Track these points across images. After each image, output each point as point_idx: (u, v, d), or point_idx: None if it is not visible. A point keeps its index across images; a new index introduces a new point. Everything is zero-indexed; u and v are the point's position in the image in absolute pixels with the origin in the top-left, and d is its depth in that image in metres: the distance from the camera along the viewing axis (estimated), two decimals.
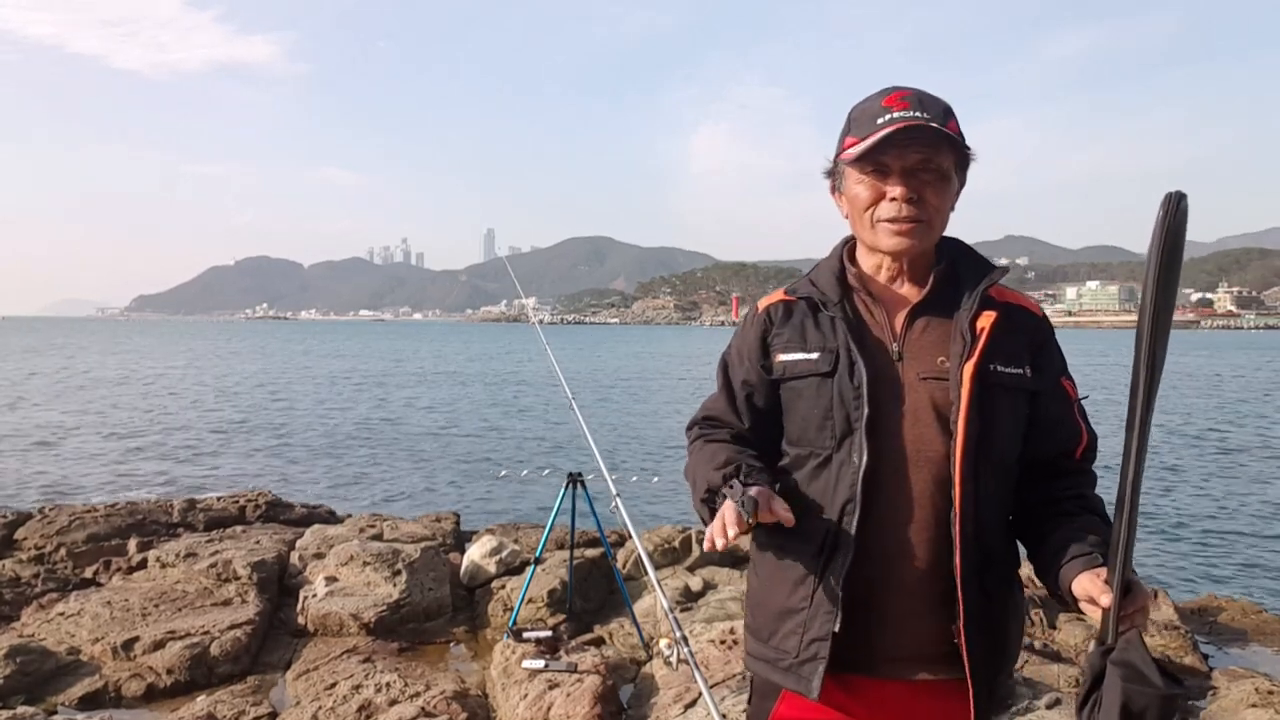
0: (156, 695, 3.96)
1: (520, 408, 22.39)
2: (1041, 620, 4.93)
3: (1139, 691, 1.13)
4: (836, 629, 1.40)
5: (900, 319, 1.48)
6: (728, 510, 1.34)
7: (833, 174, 1.54)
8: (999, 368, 1.42)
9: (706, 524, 1.42)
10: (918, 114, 1.39)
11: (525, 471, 11.86)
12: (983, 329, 1.42)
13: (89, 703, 3.86)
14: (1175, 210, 1.03)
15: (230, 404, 22.58)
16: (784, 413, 1.55)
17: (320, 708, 3.63)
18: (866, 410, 1.41)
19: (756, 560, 1.59)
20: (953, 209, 1.49)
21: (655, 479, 11.47)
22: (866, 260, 1.54)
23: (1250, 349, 71.73)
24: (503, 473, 12.25)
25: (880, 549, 1.41)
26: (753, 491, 1.36)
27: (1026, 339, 1.47)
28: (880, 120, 1.41)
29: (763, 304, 1.62)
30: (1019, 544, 1.53)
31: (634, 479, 10.91)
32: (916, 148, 1.40)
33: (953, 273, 1.50)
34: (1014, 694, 3.56)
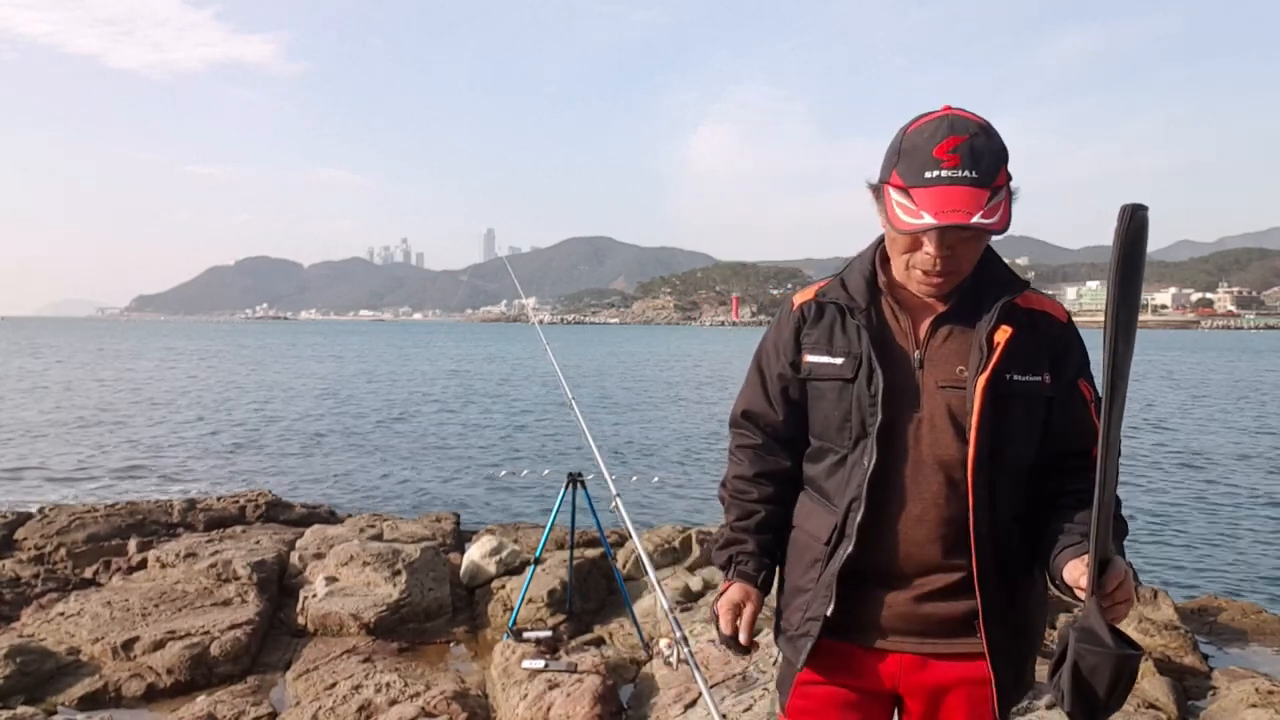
0: (156, 695, 3.96)
1: (520, 407, 22.37)
2: None
3: (1090, 650, 1.23)
4: (829, 613, 1.53)
5: (924, 326, 1.55)
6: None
7: (877, 189, 1.53)
8: (1015, 376, 1.48)
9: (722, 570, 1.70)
10: (967, 173, 1.37)
11: (525, 471, 11.84)
12: (999, 342, 1.47)
13: (89, 703, 3.86)
14: (1129, 222, 1.09)
15: (231, 404, 22.57)
16: (809, 407, 1.65)
17: (320, 708, 3.64)
18: (880, 417, 1.50)
19: (787, 542, 1.71)
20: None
21: (656, 479, 11.48)
22: (897, 268, 1.58)
23: (1245, 351, 71.72)
24: (503, 473, 12.23)
25: (890, 543, 1.52)
26: (721, 615, 1.57)
27: (1048, 345, 1.53)
28: (928, 175, 1.39)
29: (797, 300, 1.69)
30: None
31: (634, 479, 10.90)
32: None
33: (978, 284, 1.54)
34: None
